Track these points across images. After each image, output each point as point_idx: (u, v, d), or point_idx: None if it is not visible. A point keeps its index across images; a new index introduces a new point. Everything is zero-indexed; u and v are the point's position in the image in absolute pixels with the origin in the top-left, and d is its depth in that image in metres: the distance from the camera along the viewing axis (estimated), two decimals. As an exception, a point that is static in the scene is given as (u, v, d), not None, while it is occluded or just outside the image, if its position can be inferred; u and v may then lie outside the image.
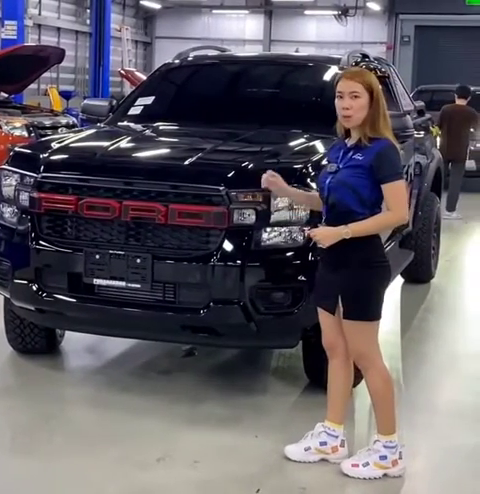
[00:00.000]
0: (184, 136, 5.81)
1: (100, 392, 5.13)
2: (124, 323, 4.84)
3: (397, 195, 3.97)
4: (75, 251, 4.80)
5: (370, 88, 4.00)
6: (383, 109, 4.01)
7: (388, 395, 4.14)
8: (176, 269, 4.67)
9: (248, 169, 4.75)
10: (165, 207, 4.61)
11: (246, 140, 5.50)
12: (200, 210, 4.60)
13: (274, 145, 5.32)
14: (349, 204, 4.00)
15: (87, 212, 4.75)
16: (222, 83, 6.53)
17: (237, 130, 5.62)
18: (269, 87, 6.45)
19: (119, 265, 4.69)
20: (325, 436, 4.26)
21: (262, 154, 5.08)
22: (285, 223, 4.65)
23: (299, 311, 4.64)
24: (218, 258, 4.57)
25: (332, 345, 4.24)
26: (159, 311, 4.72)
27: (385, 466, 4.11)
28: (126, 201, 4.68)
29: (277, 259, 4.66)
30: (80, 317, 4.93)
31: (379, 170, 3.95)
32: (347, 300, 4.06)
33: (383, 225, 4.04)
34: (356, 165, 4.00)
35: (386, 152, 3.97)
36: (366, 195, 3.98)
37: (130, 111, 6.23)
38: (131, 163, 5.06)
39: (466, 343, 6.46)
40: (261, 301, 4.62)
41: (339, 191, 4.03)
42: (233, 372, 5.52)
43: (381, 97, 4.00)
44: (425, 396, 5.23)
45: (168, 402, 4.96)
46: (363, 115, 4.01)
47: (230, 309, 4.61)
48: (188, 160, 4.85)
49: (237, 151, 5.37)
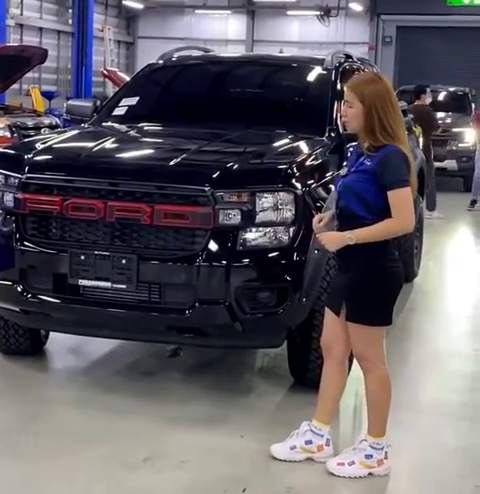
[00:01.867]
0: (169, 136, 5.81)
1: (85, 393, 5.13)
2: (109, 324, 4.84)
3: (401, 203, 3.90)
4: (60, 252, 4.79)
5: (362, 99, 3.99)
6: (383, 119, 3.94)
7: (384, 400, 4.15)
8: (161, 270, 4.67)
9: (233, 169, 4.76)
10: (150, 208, 4.61)
11: (231, 141, 5.51)
12: (186, 211, 4.60)
13: (259, 146, 5.34)
14: (354, 209, 3.99)
15: (72, 213, 4.74)
16: (206, 84, 6.54)
17: (222, 131, 5.63)
18: (254, 88, 6.48)
19: (104, 266, 4.69)
20: (310, 435, 4.27)
21: (247, 154, 5.09)
22: (270, 223, 4.67)
23: (284, 311, 4.65)
24: (203, 258, 4.58)
25: (329, 346, 4.25)
26: (144, 312, 4.72)
27: (370, 465, 4.13)
28: (111, 202, 4.68)
29: (262, 259, 4.67)
30: (65, 318, 4.92)
31: (382, 176, 3.92)
32: (350, 302, 4.07)
33: (387, 232, 3.96)
34: (362, 170, 4.00)
35: (390, 159, 3.93)
36: (371, 200, 3.95)
37: (114, 111, 6.23)
38: (116, 164, 5.06)
39: (449, 342, 6.50)
40: (246, 301, 4.63)
41: (346, 196, 4.04)
42: (218, 372, 5.53)
43: (377, 108, 3.94)
44: (409, 394, 5.25)
45: (154, 402, 4.97)
46: (359, 123, 4.02)
47: (215, 309, 4.62)
48: (173, 161, 4.85)
49: (222, 151, 5.38)
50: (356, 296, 4.04)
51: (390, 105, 4.00)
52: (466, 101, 17.37)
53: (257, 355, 5.82)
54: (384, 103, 3.99)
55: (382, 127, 3.96)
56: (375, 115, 3.97)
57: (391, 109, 3.99)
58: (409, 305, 7.47)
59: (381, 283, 4.03)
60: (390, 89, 4.07)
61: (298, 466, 4.24)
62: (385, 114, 3.97)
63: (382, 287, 4.05)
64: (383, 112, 3.97)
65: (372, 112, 3.97)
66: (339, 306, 4.11)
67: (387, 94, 4.02)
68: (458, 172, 15.71)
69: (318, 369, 4.76)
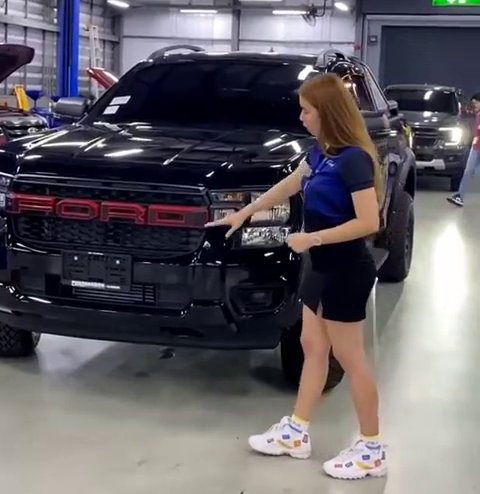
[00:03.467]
0: (161, 136, 5.76)
1: (78, 395, 5.08)
2: (103, 325, 4.79)
3: (365, 204, 3.92)
4: (53, 253, 4.74)
5: (315, 103, 3.96)
6: (340, 121, 3.91)
7: (370, 399, 4.15)
8: (156, 270, 4.62)
9: (228, 169, 4.72)
10: (145, 208, 4.57)
11: (224, 140, 5.47)
12: (180, 211, 4.56)
13: (252, 145, 5.30)
14: (321, 211, 3.99)
15: (65, 213, 4.69)
16: (198, 82, 6.50)
17: (214, 130, 5.59)
18: (245, 86, 6.44)
19: (98, 267, 4.64)
20: (289, 430, 4.28)
21: (241, 154, 5.05)
22: (265, 223, 4.64)
23: (280, 311, 4.62)
24: (198, 259, 4.54)
25: (309, 342, 4.26)
26: (138, 313, 4.67)
27: (368, 466, 4.11)
28: (105, 202, 4.63)
29: (257, 259, 4.64)
30: (58, 319, 4.87)
31: (346, 178, 3.92)
32: (326, 300, 4.08)
33: (351, 233, 3.96)
34: (327, 172, 4.00)
35: (353, 160, 3.93)
36: (338, 201, 3.96)
37: (105, 111, 6.18)
38: (109, 163, 5.01)
39: (440, 341, 6.50)
40: (242, 302, 4.59)
41: (312, 198, 4.04)
42: (212, 373, 5.49)
43: (331, 111, 3.91)
44: (400, 395, 5.25)
45: (147, 404, 4.92)
46: (317, 128, 4.00)
47: (210, 310, 4.58)
48: (167, 160, 4.81)
49: (216, 151, 5.34)
50: (331, 294, 4.05)
51: (344, 107, 3.96)
52: (453, 100, 17.38)
53: (250, 356, 5.79)
54: (337, 105, 3.95)
55: (340, 129, 3.94)
56: (330, 118, 3.94)
57: (346, 111, 3.96)
58: (400, 305, 7.46)
59: (354, 280, 4.04)
60: (343, 90, 4.02)
61: (295, 467, 4.22)
62: (340, 116, 3.94)
63: (356, 284, 4.06)
64: (338, 114, 3.94)
65: (327, 115, 3.94)
66: (316, 304, 4.13)
67: (340, 96, 3.98)
68: (445, 171, 15.72)
69: None
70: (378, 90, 7.85)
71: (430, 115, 16.76)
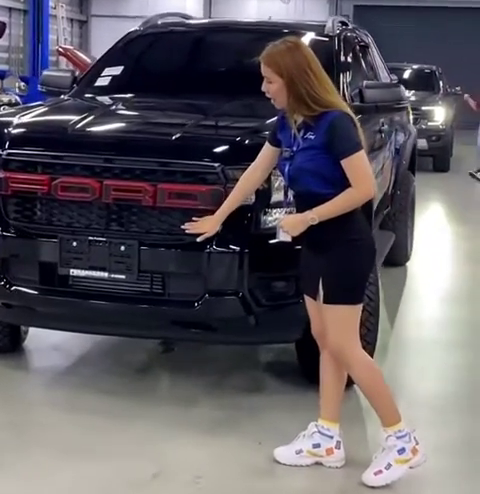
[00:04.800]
0: (160, 109, 5.22)
1: (74, 395, 4.59)
2: (105, 319, 4.29)
3: (357, 169, 3.54)
4: (48, 238, 4.23)
5: (280, 72, 3.53)
6: (309, 89, 3.50)
7: (380, 385, 3.75)
8: (166, 257, 4.14)
9: (244, 144, 4.25)
10: (153, 187, 4.07)
11: (229, 113, 4.98)
12: (193, 190, 4.07)
13: (264, 118, 4.79)
14: (314, 189, 3.59)
15: (62, 193, 4.18)
16: (194, 52, 5.93)
17: (215, 102, 5.08)
18: (246, 56, 5.83)
19: (100, 253, 4.14)
20: (318, 437, 3.84)
21: (255, 127, 4.54)
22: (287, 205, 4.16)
23: (304, 301, 4.15)
24: (214, 244, 4.06)
25: (320, 333, 3.82)
26: (146, 305, 4.19)
27: (407, 459, 3.70)
28: (107, 180, 4.12)
29: (279, 244, 4.16)
30: (54, 313, 4.36)
31: (333, 146, 3.52)
32: (327, 283, 3.67)
33: (348, 204, 3.57)
34: (309, 146, 3.57)
35: (336, 125, 3.52)
36: (329, 174, 3.56)
37: (96, 82, 5.64)
38: (111, 137, 4.48)
39: (448, 329, 6.09)
40: (262, 291, 4.14)
41: (300, 179, 3.62)
42: (219, 369, 5.00)
43: (299, 78, 3.49)
44: (406, 387, 4.83)
45: (152, 405, 4.45)
46: (282, 99, 3.58)
47: (228, 301, 4.12)
48: (176, 134, 4.31)
49: (226, 125, 4.84)
50: (331, 277, 3.65)
51: (312, 74, 3.54)
52: (434, 79, 17.04)
53: (259, 349, 5.30)
54: (304, 73, 3.53)
55: (310, 96, 3.53)
56: (299, 86, 3.52)
57: (314, 78, 3.54)
58: (406, 291, 7.05)
59: (355, 258, 3.65)
60: (309, 56, 3.59)
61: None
62: (308, 84, 3.53)
63: (357, 262, 3.67)
64: (306, 82, 3.52)
65: (295, 83, 3.53)
66: (316, 290, 3.72)
67: (305, 62, 3.55)
68: (428, 151, 15.34)
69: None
70: (381, 62, 7.39)
71: (411, 94, 16.35)
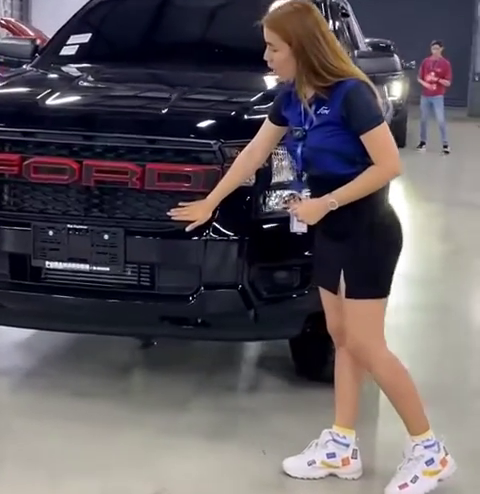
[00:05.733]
0: (138, 80, 4.71)
1: (48, 399, 4.10)
2: (85, 315, 3.82)
3: (380, 144, 3.10)
4: (19, 226, 3.74)
5: (287, 38, 3.08)
6: (321, 58, 3.07)
7: (406, 386, 3.33)
8: (155, 247, 3.69)
9: (242, 119, 3.81)
10: (140, 167, 3.61)
11: (217, 85, 4.52)
12: (186, 170, 3.62)
13: (257, 90, 4.33)
14: (333, 170, 3.15)
15: (35, 175, 3.69)
16: (171, 15, 5.39)
17: (198, 72, 4.62)
18: (229, 22, 5.36)
19: (80, 243, 3.66)
20: (333, 446, 3.44)
21: (250, 101, 4.08)
22: (289, 185, 3.74)
23: (309, 293, 3.75)
24: (210, 231, 3.61)
25: (340, 330, 3.39)
26: (132, 299, 3.73)
27: (436, 470, 3.31)
28: (88, 160, 3.64)
29: (282, 230, 3.73)
30: (26, 310, 3.87)
31: (351, 120, 3.08)
32: (350, 275, 3.23)
33: (373, 184, 3.14)
34: (324, 123, 3.13)
35: (353, 96, 3.08)
36: (349, 152, 3.13)
37: (62, 51, 5.10)
38: (91, 112, 3.98)
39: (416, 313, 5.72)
40: (263, 283, 3.71)
41: (317, 160, 3.18)
42: (208, 365, 4.56)
43: (310, 46, 3.06)
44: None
45: (140, 409, 3.99)
46: (291, 67, 3.13)
47: (225, 295, 3.69)
48: (164, 108, 3.84)
49: (216, 99, 4.38)
50: (355, 267, 3.21)
51: (323, 40, 3.10)
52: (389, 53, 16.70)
53: (251, 343, 4.87)
54: (315, 39, 3.09)
55: (322, 65, 3.09)
56: (310, 53, 3.08)
57: (325, 45, 3.10)
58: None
59: (381, 244, 3.21)
60: (320, 19, 3.14)
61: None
62: (320, 52, 3.08)
63: (383, 248, 3.22)
64: (317, 50, 3.08)
65: (305, 51, 3.08)
66: (337, 283, 3.28)
67: (316, 26, 3.10)
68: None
69: None
70: (360, 32, 6.99)
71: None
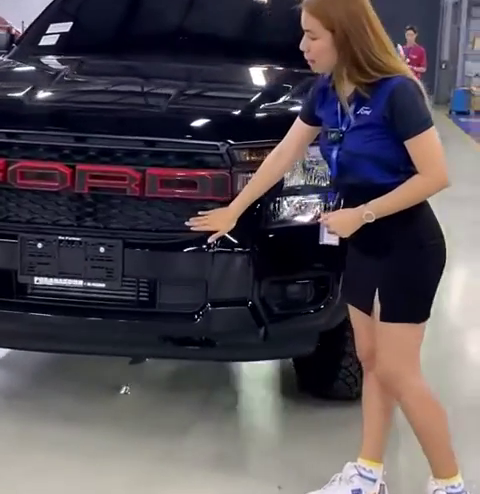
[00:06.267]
0: (130, 74, 4.32)
1: (35, 427, 3.69)
2: (79, 335, 3.46)
3: (427, 150, 2.75)
4: (5, 238, 3.36)
5: (330, 25, 2.72)
6: (365, 48, 2.71)
7: (438, 424, 2.98)
8: (157, 260, 3.34)
9: (250, 118, 3.47)
10: (140, 173, 3.25)
11: (217, 80, 4.18)
12: (192, 176, 3.27)
13: (265, 86, 4.00)
14: (372, 178, 2.79)
15: (21, 182, 3.32)
16: (163, 1, 4.97)
17: (194, 65, 4.25)
18: (228, 9, 4.95)
19: (73, 257, 3.30)
20: (359, 481, 3.12)
21: (259, 97, 3.74)
22: (302, 191, 3.42)
23: (325, 308, 3.44)
24: (218, 243, 3.27)
25: (369, 353, 3.06)
26: (131, 318, 3.37)
27: None
28: (81, 165, 3.28)
29: (295, 240, 3.42)
30: (12, 330, 3.49)
31: (396, 123, 2.73)
32: (387, 295, 2.89)
33: (417, 195, 2.80)
34: (365, 124, 2.77)
35: (400, 96, 2.73)
36: (393, 158, 2.78)
37: (42, 41, 4.70)
38: (84, 110, 3.60)
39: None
40: (275, 298, 3.38)
41: (354, 166, 2.81)
42: (205, 384, 4.21)
43: (355, 35, 2.70)
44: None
45: (133, 436, 3.64)
46: (330, 59, 2.77)
47: (234, 312, 3.35)
48: (163, 106, 3.49)
49: (221, 95, 4.01)
50: (394, 288, 2.88)
51: (370, 30, 2.74)
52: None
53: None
54: (361, 28, 2.73)
55: (367, 59, 2.73)
56: (354, 44, 2.72)
57: (372, 35, 2.73)
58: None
59: (424, 263, 2.86)
60: (367, 5, 2.78)
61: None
62: (366, 44, 2.72)
63: (429, 268, 2.88)
64: (363, 41, 2.72)
65: (349, 41, 2.72)
66: (371, 303, 2.94)
67: (364, 14, 2.74)
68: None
69: (351, 377, 3.77)
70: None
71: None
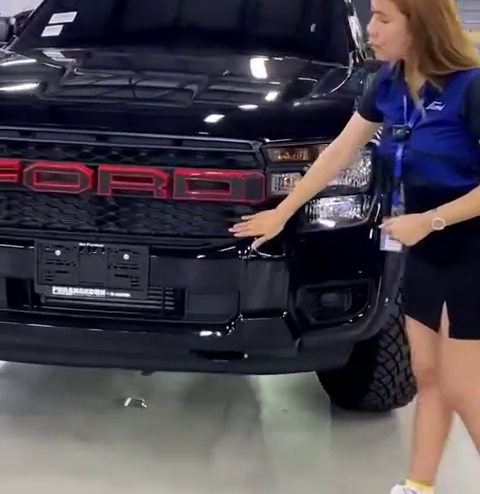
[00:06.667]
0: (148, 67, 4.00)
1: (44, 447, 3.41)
2: (100, 349, 3.21)
3: None
4: (20, 245, 3.10)
5: (406, 8, 2.48)
6: (443, 36, 2.48)
7: None
8: (186, 267, 3.09)
9: (287, 113, 3.24)
10: (167, 173, 3.01)
11: (246, 72, 3.95)
12: (223, 176, 3.03)
13: (290, 80, 3.74)
14: (443, 181, 2.54)
15: (38, 184, 3.06)
16: None
17: (211, 57, 4.02)
18: None
19: (94, 264, 3.05)
20: None
21: (290, 92, 3.49)
22: (339, 191, 3.20)
23: (363, 317, 3.22)
24: (251, 249, 3.04)
25: (430, 370, 2.83)
26: (157, 330, 3.13)
27: None
28: (104, 165, 3.03)
29: (332, 245, 3.20)
30: (27, 343, 3.23)
31: (471, 120, 2.49)
32: (457, 310, 2.64)
33: None
34: (436, 121, 2.52)
35: (477, 91, 2.48)
36: (466, 159, 2.53)
37: (44, 32, 4.43)
38: (105, 106, 3.34)
39: None
40: (311, 308, 3.16)
41: (423, 167, 2.56)
42: (224, 397, 3.95)
43: (431, 21, 2.47)
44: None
45: (150, 458, 3.35)
46: (401, 46, 2.53)
47: (269, 323, 3.12)
48: (190, 101, 3.25)
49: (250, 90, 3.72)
50: (464, 303, 2.63)
51: (448, 17, 2.50)
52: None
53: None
54: (439, 14, 2.49)
55: (443, 48, 2.49)
56: (431, 31, 2.48)
57: (450, 23, 2.50)
58: None
59: None
60: None
61: None
62: (443, 31, 2.48)
63: None
64: (440, 28, 2.48)
65: (424, 27, 2.48)
66: (438, 318, 2.68)
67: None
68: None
69: (383, 389, 3.57)
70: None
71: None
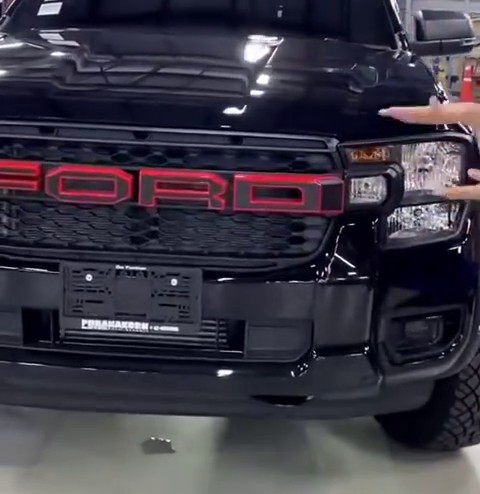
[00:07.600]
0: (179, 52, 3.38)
1: None
2: (142, 393, 2.63)
3: None
4: (40, 268, 2.50)
5: None
6: None
7: None
8: (247, 294, 2.52)
9: (366, 105, 2.68)
10: (225, 180, 2.42)
11: (295, 58, 3.40)
12: (295, 182, 2.45)
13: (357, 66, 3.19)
14: None
15: (65, 193, 2.45)
16: None
17: (255, 39, 3.50)
18: None
19: (135, 292, 2.46)
20: None
21: (365, 80, 2.97)
22: (427, 198, 2.65)
23: (454, 350, 2.69)
24: (327, 271, 2.48)
25: None
26: (211, 371, 2.56)
27: None
28: (146, 169, 2.43)
29: (421, 265, 2.66)
30: (48, 386, 2.64)
31: None
32: None
33: None
34: None
35: None
36: None
37: (41, 10, 3.83)
38: (143, 97, 2.73)
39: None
40: (397, 341, 2.62)
41: None
42: (260, 435, 3.41)
43: None
44: None
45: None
46: None
47: (348, 361, 2.56)
48: (246, 92, 2.67)
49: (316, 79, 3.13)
50: None
51: None
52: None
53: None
54: None
55: None
56: None
57: None
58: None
59: None
60: None
61: None
62: None
63: None
64: None
65: None
66: None
67: None
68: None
69: (460, 427, 3.08)
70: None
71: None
